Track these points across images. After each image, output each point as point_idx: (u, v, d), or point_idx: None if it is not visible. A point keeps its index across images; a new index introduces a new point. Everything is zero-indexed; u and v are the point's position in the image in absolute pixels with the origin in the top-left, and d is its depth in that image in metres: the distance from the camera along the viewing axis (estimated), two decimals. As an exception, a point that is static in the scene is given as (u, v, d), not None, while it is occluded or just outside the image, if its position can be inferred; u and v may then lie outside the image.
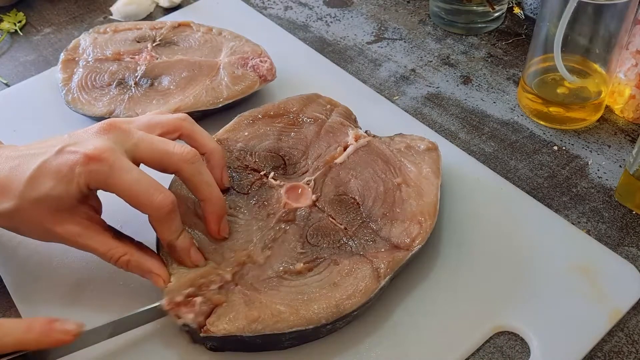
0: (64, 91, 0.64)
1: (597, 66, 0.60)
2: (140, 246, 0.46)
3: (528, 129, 0.62)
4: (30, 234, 0.45)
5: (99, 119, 0.61)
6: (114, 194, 0.43)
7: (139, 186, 0.42)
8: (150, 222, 0.44)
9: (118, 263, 0.44)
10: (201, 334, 0.42)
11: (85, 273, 0.50)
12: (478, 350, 0.45)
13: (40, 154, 0.43)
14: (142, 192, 0.42)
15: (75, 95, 0.63)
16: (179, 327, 0.44)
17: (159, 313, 0.44)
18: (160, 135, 0.46)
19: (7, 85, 0.72)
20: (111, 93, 0.63)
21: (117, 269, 0.45)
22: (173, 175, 0.48)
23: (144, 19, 0.80)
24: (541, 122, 0.63)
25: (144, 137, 0.45)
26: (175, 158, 0.44)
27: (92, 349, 0.43)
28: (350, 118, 0.58)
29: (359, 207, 0.50)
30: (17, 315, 0.49)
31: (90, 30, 0.71)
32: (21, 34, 0.81)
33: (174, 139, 0.47)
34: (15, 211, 0.43)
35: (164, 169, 0.45)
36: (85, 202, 0.44)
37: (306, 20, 0.79)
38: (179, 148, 0.45)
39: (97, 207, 0.46)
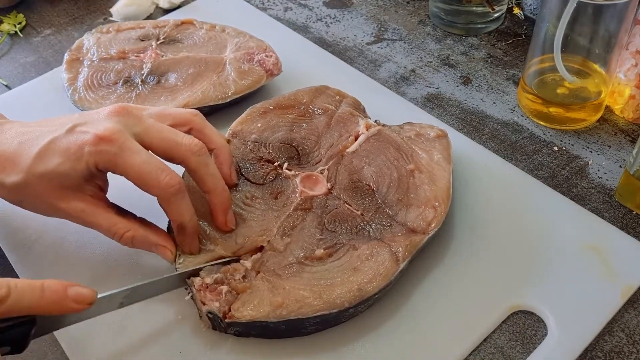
0: (70, 91, 0.64)
1: (597, 66, 0.60)
2: (144, 221, 0.47)
3: (528, 129, 0.62)
4: (34, 208, 0.46)
5: None
6: (123, 176, 0.44)
7: (147, 167, 0.43)
8: (159, 204, 0.45)
9: (122, 239, 0.45)
10: (226, 320, 0.43)
11: (101, 269, 0.51)
12: (496, 330, 0.46)
13: (50, 131, 0.44)
14: (150, 172, 0.43)
15: (82, 94, 0.64)
16: (201, 314, 0.45)
17: (172, 283, 0.45)
18: (171, 126, 0.47)
19: (8, 87, 0.72)
20: (118, 91, 0.64)
21: (134, 264, 0.46)
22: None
23: (144, 20, 0.81)
24: (541, 123, 0.63)
25: (154, 124, 0.46)
26: (183, 148, 0.45)
27: (113, 335, 0.45)
28: (359, 108, 0.60)
29: (374, 194, 0.51)
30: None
31: (93, 30, 0.71)
32: (21, 35, 0.81)
33: (183, 132, 0.48)
34: (22, 185, 0.43)
35: (170, 158, 0.46)
36: (92, 180, 0.45)
37: (306, 21, 0.79)
38: (187, 139, 0.46)
39: (103, 186, 0.47)
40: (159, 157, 0.45)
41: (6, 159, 0.44)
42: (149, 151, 0.45)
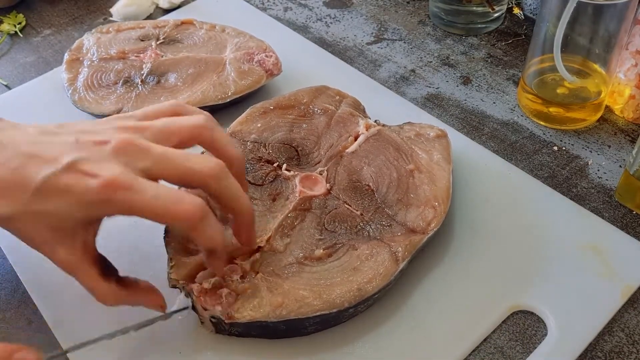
0: (70, 91, 0.64)
1: (596, 66, 0.60)
2: (126, 282, 0.44)
3: (528, 129, 0.62)
4: (22, 239, 0.42)
5: (107, 117, 0.62)
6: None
7: (158, 202, 0.38)
8: (187, 234, 0.42)
9: (103, 303, 0.42)
10: (226, 321, 0.43)
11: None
12: (496, 330, 0.46)
13: (49, 159, 0.40)
14: (164, 206, 0.38)
15: (82, 94, 0.64)
16: (203, 320, 0.45)
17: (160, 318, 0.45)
18: (177, 145, 0.42)
19: (8, 87, 0.72)
20: (118, 91, 0.64)
21: (134, 265, 0.45)
22: None
23: (144, 20, 0.81)
24: (541, 123, 0.63)
25: (164, 154, 0.41)
26: (199, 176, 0.40)
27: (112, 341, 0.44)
28: (359, 108, 0.60)
29: (374, 194, 0.51)
30: (38, 313, 0.49)
31: (93, 30, 0.71)
32: (21, 35, 0.81)
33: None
34: (13, 218, 0.40)
35: (187, 186, 0.42)
36: (88, 227, 0.41)
37: (306, 21, 0.79)
38: (201, 164, 0.41)
39: (96, 232, 0.43)
40: (171, 185, 0.41)
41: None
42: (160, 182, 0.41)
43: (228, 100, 0.62)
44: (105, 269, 0.43)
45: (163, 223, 0.40)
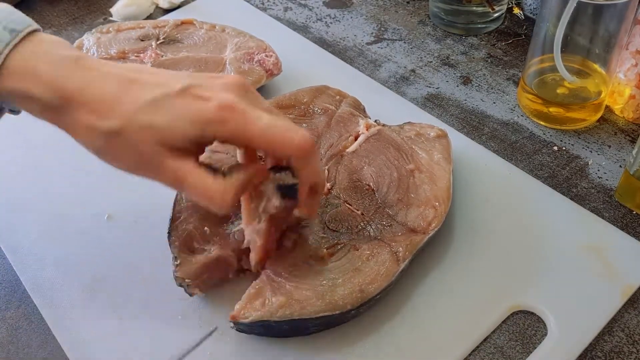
0: None
1: (597, 66, 0.60)
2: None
3: (528, 129, 0.62)
4: (123, 161, 0.40)
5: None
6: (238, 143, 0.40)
7: (275, 130, 0.39)
8: (293, 165, 0.41)
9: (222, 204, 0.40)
10: (229, 321, 0.43)
11: (101, 270, 0.51)
12: (496, 329, 0.46)
13: (158, 84, 0.39)
14: (280, 135, 0.39)
15: None
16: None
17: None
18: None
19: (7, 86, 0.72)
20: None
21: (134, 265, 0.45)
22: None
23: (144, 20, 0.81)
24: (541, 123, 0.63)
25: (271, 112, 0.41)
26: (297, 145, 0.40)
27: (113, 336, 0.44)
28: (359, 108, 0.60)
29: (374, 193, 0.51)
30: (37, 313, 0.49)
31: (93, 30, 0.71)
32: (21, 35, 0.80)
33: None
34: (118, 132, 0.38)
35: (278, 155, 0.42)
36: (198, 147, 0.40)
37: (306, 21, 0.79)
38: (301, 135, 0.40)
39: (202, 153, 0.42)
40: (284, 117, 0.42)
41: (103, 102, 0.38)
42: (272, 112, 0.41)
43: (228, 100, 0.62)
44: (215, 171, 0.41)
45: (275, 151, 0.40)
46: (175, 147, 0.39)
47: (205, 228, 0.48)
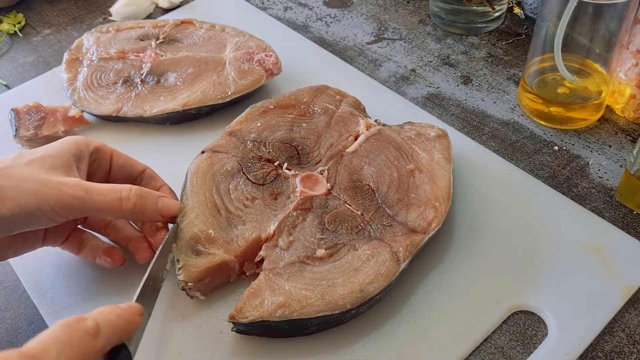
0: (69, 91, 0.64)
1: (597, 66, 0.60)
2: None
3: (528, 129, 0.62)
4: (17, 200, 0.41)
5: (106, 117, 0.62)
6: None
7: None
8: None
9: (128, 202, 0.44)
10: (229, 321, 0.43)
11: (102, 270, 0.51)
12: (496, 330, 0.46)
13: None
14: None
15: (82, 94, 0.64)
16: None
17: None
18: None
19: (7, 86, 0.72)
20: (118, 91, 0.64)
21: (134, 266, 0.46)
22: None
23: (144, 20, 0.81)
24: (541, 122, 0.62)
25: None
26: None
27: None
28: (359, 108, 0.60)
29: (374, 193, 0.51)
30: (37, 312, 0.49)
31: (93, 29, 0.71)
32: (21, 35, 0.81)
33: None
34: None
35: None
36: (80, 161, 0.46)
37: (306, 21, 0.79)
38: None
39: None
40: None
41: None
42: None
43: (228, 99, 0.62)
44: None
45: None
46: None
47: (210, 231, 0.48)
